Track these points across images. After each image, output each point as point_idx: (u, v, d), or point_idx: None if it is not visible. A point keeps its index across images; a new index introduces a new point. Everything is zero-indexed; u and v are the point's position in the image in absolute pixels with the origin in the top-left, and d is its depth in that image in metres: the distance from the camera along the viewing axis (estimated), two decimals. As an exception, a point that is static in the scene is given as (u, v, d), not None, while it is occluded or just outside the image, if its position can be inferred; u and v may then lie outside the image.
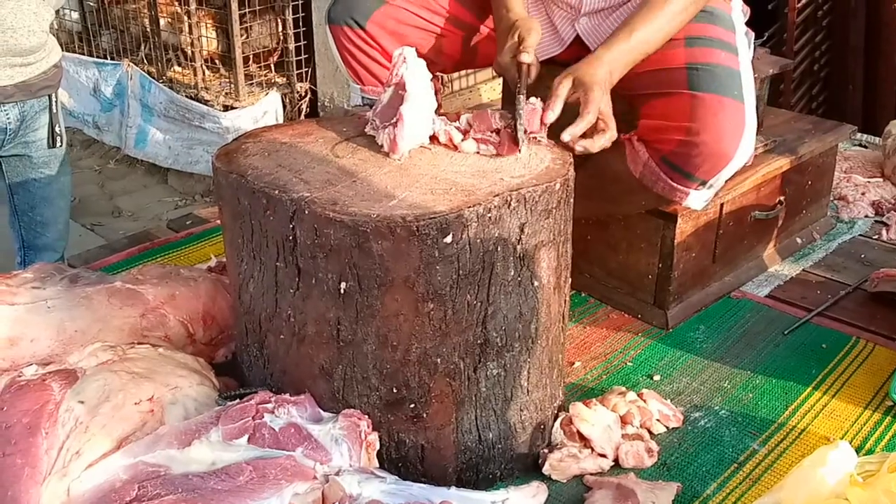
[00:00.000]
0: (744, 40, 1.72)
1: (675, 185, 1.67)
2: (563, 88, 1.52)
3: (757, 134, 1.98)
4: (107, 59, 4.01)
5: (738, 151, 1.61)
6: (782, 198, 2.06)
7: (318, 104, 3.74)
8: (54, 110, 2.21)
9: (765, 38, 3.51)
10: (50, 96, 2.20)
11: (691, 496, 1.42)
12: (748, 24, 1.83)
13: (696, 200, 1.70)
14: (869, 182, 2.50)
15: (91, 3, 4.09)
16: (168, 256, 2.20)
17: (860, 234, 2.28)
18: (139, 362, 1.42)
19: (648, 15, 1.61)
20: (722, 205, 1.88)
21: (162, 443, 1.24)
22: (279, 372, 1.44)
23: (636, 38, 1.59)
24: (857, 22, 3.51)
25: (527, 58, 1.60)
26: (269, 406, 1.29)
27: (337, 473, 1.22)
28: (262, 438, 1.24)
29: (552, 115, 1.50)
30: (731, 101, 1.60)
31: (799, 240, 2.19)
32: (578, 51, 1.86)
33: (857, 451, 1.38)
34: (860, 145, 2.83)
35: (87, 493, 1.20)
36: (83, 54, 4.07)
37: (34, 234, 2.31)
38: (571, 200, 1.42)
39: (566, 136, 1.46)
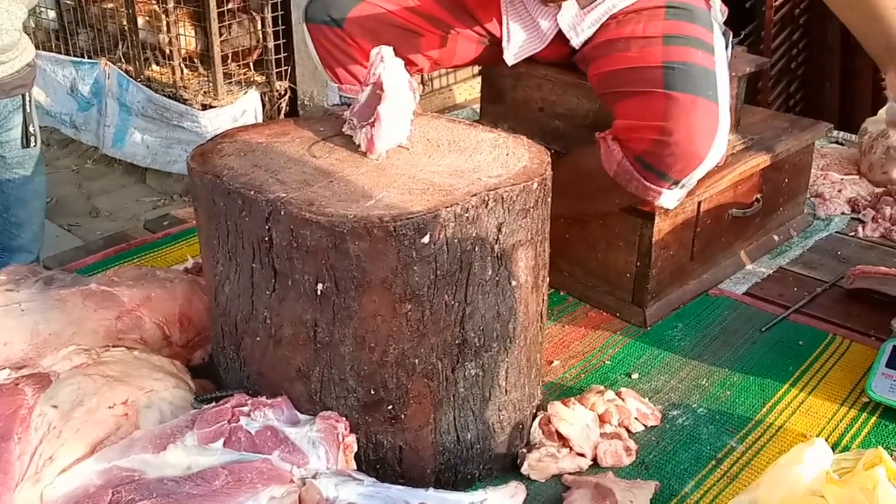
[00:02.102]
0: (721, 39, 1.73)
1: (648, 184, 1.67)
2: None
3: (734, 132, 2.00)
4: (84, 57, 3.97)
5: (710, 152, 1.62)
6: (759, 195, 2.07)
7: (298, 103, 3.72)
8: (28, 110, 2.19)
9: (742, 36, 3.54)
10: (24, 95, 2.17)
11: (669, 494, 1.42)
12: (726, 23, 1.84)
13: (669, 199, 1.70)
14: (845, 179, 2.52)
15: (68, 2, 4.05)
16: (145, 257, 2.18)
17: (837, 231, 2.30)
18: (114, 365, 1.40)
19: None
20: (699, 203, 1.88)
21: (136, 447, 1.23)
22: (256, 374, 1.43)
23: None
24: (833, 20, 3.52)
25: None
26: (246, 409, 1.28)
27: (314, 476, 1.21)
28: (238, 442, 1.23)
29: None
30: (704, 102, 1.61)
31: (776, 237, 2.21)
32: (560, 47, 1.86)
33: (833, 448, 1.39)
34: (837, 143, 2.85)
35: (60, 498, 1.19)
36: (60, 53, 4.03)
37: (9, 235, 2.28)
38: (549, 200, 1.42)
39: None
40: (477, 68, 3.08)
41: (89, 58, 3.96)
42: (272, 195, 1.29)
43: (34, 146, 2.22)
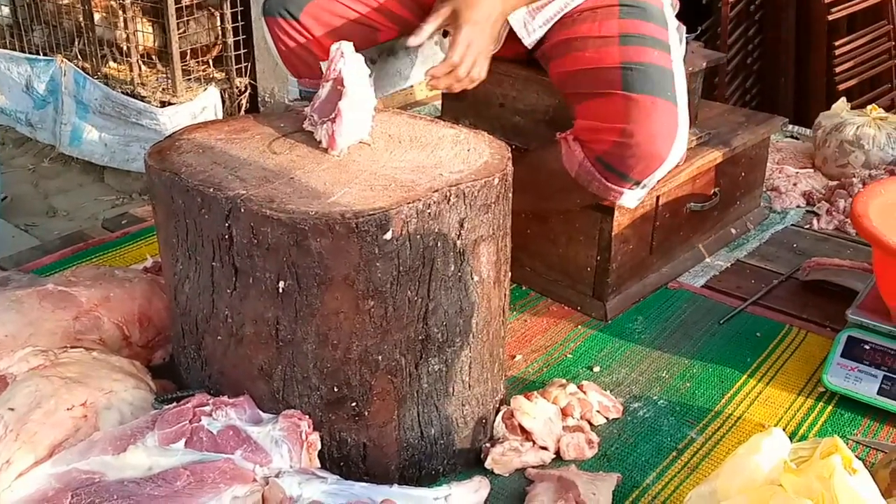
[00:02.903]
0: (675, 36, 1.74)
1: (609, 185, 1.69)
2: (438, 19, 1.61)
3: (691, 127, 2.03)
4: (39, 54, 3.90)
5: (671, 152, 1.64)
6: (717, 189, 2.10)
7: (259, 99, 3.69)
8: (-19, 108, 2.14)
9: (699, 31, 3.58)
10: (-24, 94, 2.13)
11: (631, 486, 1.44)
12: (679, 17, 1.85)
13: (630, 199, 1.72)
14: (800, 173, 2.56)
15: (21, -3, 3.97)
16: (103, 257, 2.16)
17: (792, 224, 2.34)
18: (72, 367, 1.38)
19: None
20: (658, 197, 1.91)
21: (96, 449, 1.21)
22: (217, 373, 1.42)
23: None
24: (787, 16, 3.58)
25: (413, 40, 1.66)
26: (207, 409, 1.27)
27: (277, 475, 1.21)
28: (200, 442, 1.22)
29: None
30: (664, 103, 1.62)
31: (733, 230, 2.24)
32: (516, 46, 1.87)
33: (790, 437, 1.41)
34: (792, 137, 2.90)
35: (18, 502, 1.17)
36: (14, 50, 3.95)
37: (-38, 236, 2.24)
38: (510, 195, 1.43)
39: (426, 76, 1.55)
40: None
41: (45, 54, 3.88)
42: (232, 192, 1.28)
43: (-12, 145, 2.18)
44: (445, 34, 1.79)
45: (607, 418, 1.59)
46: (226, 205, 1.27)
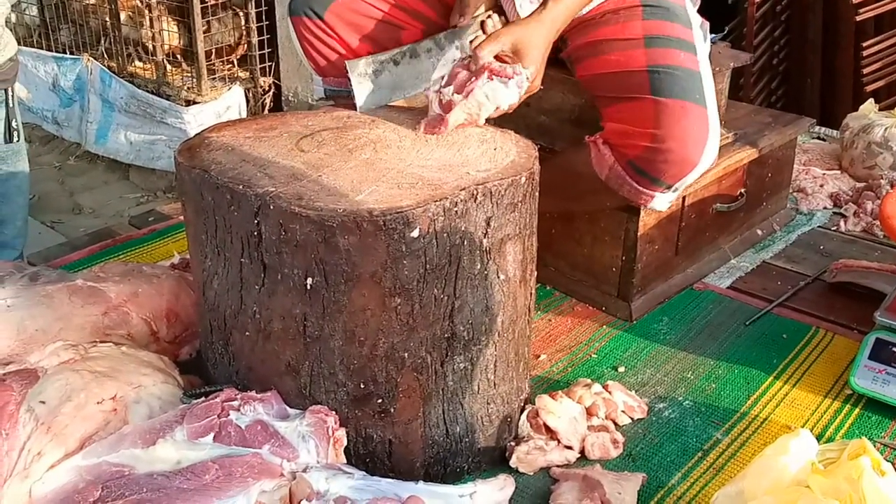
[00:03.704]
0: (699, 34, 1.73)
1: (641, 188, 1.69)
2: (496, 46, 1.54)
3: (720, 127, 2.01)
4: (66, 53, 3.95)
5: (703, 157, 1.63)
6: (743, 190, 2.08)
7: (282, 99, 3.71)
8: (11, 105, 2.17)
9: (725, 32, 3.56)
10: (6, 90, 2.15)
11: (656, 486, 1.44)
12: (703, 16, 1.84)
13: (661, 203, 1.72)
14: (827, 174, 2.54)
15: (49, -3, 4.02)
16: (130, 254, 2.18)
17: (819, 226, 2.32)
18: (101, 361, 1.40)
19: None
20: (684, 198, 1.90)
21: (126, 442, 1.23)
22: (245, 369, 1.43)
23: None
24: (814, 17, 3.56)
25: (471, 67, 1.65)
26: (235, 403, 1.28)
27: (304, 470, 1.21)
28: (228, 436, 1.23)
29: (473, 66, 1.54)
30: (693, 106, 1.62)
31: (759, 231, 2.23)
32: None
33: (817, 438, 1.40)
34: (818, 138, 2.88)
35: (49, 494, 1.18)
36: (42, 49, 4.00)
37: (-9, 231, 2.26)
38: (537, 194, 1.43)
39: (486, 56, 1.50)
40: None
41: (71, 53, 3.93)
42: (261, 189, 1.28)
43: (17, 141, 2.20)
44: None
45: (632, 418, 1.58)
46: (255, 202, 1.28)
